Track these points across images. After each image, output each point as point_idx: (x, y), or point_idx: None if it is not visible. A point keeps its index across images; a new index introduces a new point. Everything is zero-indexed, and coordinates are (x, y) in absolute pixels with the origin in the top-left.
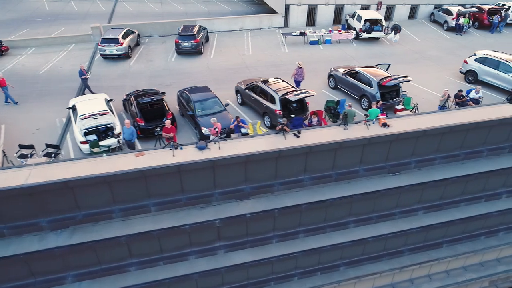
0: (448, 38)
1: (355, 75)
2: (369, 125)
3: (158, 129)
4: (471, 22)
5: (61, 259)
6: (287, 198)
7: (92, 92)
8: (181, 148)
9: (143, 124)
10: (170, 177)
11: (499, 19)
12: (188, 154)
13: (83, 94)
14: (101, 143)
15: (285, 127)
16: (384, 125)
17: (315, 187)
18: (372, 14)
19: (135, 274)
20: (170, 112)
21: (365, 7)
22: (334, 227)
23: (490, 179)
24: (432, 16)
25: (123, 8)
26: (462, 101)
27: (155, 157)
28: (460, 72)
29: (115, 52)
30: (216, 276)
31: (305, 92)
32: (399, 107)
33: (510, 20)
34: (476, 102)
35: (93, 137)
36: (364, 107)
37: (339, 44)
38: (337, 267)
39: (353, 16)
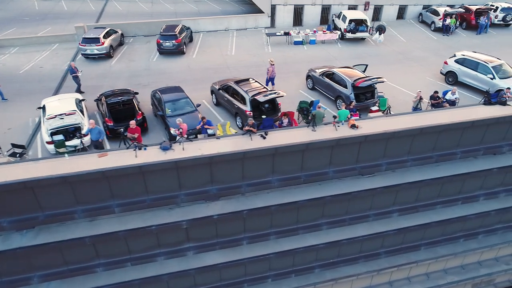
0: (434, 38)
1: (331, 76)
2: (338, 126)
3: (122, 129)
4: (458, 23)
5: (26, 259)
6: (257, 200)
7: (80, 91)
8: (144, 148)
9: (111, 124)
10: (133, 178)
11: (486, 20)
12: (151, 155)
13: (79, 91)
14: (68, 143)
15: (251, 128)
16: (353, 126)
17: (286, 189)
18: (357, 14)
19: (103, 274)
20: (140, 112)
21: (353, 7)
22: (307, 229)
23: (466, 182)
24: (420, 17)
25: (113, 8)
26: (437, 102)
27: (118, 157)
28: (441, 73)
29: (96, 51)
30: (187, 277)
31: (275, 93)
32: (374, 108)
33: (498, 21)
34: (453, 103)
35: (60, 137)
36: (339, 108)
37: (323, 45)
38: (312, 269)
39: (339, 17)
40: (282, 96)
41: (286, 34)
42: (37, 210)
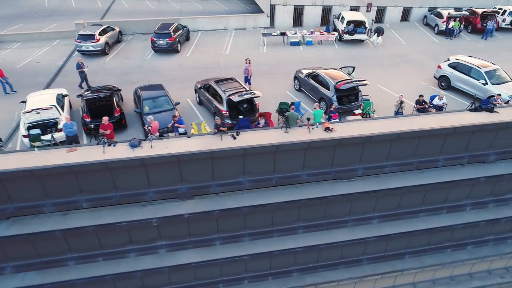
0: (436, 42)
1: (315, 77)
2: (312, 129)
3: (93, 125)
4: (462, 26)
5: None
6: (230, 200)
7: (88, 86)
8: (114, 145)
9: (89, 120)
10: (100, 173)
11: (494, 24)
12: (119, 151)
13: (80, 87)
14: (44, 137)
15: (221, 128)
16: (327, 129)
17: (260, 191)
18: (355, 15)
19: (76, 268)
20: (118, 109)
21: (355, 9)
22: (282, 232)
23: (452, 190)
24: (425, 19)
25: (120, 6)
26: (422, 107)
27: (86, 153)
28: (434, 77)
29: (91, 48)
30: (161, 275)
31: (250, 93)
32: (358, 111)
33: (506, 25)
34: (440, 109)
35: (36, 131)
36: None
37: (320, 46)
38: (290, 272)
39: (338, 18)
40: (258, 96)
41: (282, 34)
42: (7, 202)
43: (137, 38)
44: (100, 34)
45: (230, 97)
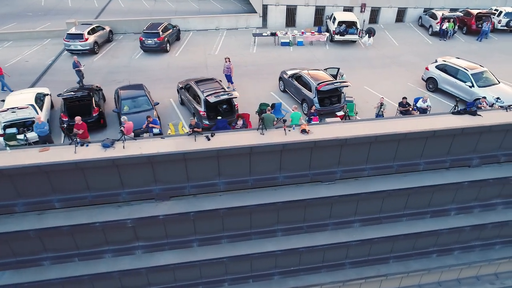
0: (430, 43)
1: (299, 78)
2: (289, 130)
3: (65, 125)
4: (456, 27)
5: None
6: (206, 202)
7: (83, 84)
8: (87, 145)
9: (66, 119)
10: (71, 173)
11: (489, 26)
12: (91, 151)
13: (79, 84)
14: (19, 136)
15: (195, 128)
16: (303, 131)
17: (238, 193)
18: (346, 16)
19: (53, 268)
20: (96, 108)
21: (348, 9)
22: (261, 234)
23: (435, 195)
24: (420, 20)
25: (116, 5)
26: (405, 110)
27: (58, 153)
28: (422, 79)
29: (79, 47)
30: (139, 276)
31: (227, 94)
32: (340, 113)
33: (502, 26)
34: (424, 111)
35: (12, 130)
36: (305, 111)
37: (311, 46)
38: (271, 275)
39: (330, 18)
40: (235, 97)
41: (273, 34)
42: None
43: (128, 38)
44: (89, 33)
45: (206, 98)
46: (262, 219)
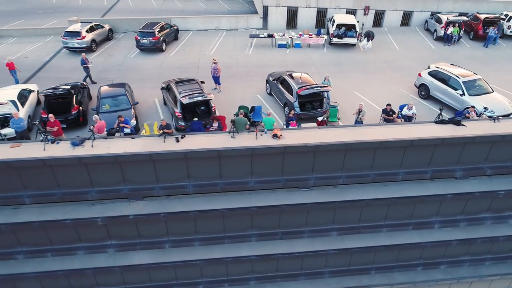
0: (432, 48)
1: (283, 81)
2: (261, 135)
3: (37, 122)
4: (462, 32)
5: None
6: (178, 204)
7: (92, 81)
8: (57, 142)
9: (45, 116)
10: (40, 170)
11: (496, 32)
12: (60, 149)
13: (84, 81)
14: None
15: (165, 129)
16: (275, 136)
17: (211, 195)
18: (346, 18)
19: (27, 262)
20: (76, 106)
21: (351, 12)
22: (234, 239)
23: (417, 206)
24: (426, 24)
25: (125, 4)
26: (389, 118)
27: (28, 149)
28: (415, 85)
29: (76, 45)
30: (113, 274)
31: (201, 96)
32: (321, 118)
33: (511, 32)
34: (409, 119)
35: None
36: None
37: (308, 49)
38: (247, 280)
39: (330, 20)
40: (210, 99)
41: (270, 36)
42: None
43: (128, 36)
44: (87, 31)
45: (181, 99)
46: (236, 223)
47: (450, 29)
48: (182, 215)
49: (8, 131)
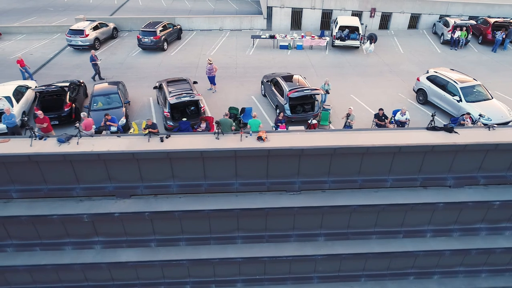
0: (438, 52)
1: (276, 83)
2: (246, 137)
3: (26, 118)
4: (470, 36)
5: None
6: (164, 203)
7: (101, 78)
8: (45, 139)
9: (40, 112)
10: (26, 166)
11: (504, 36)
12: (47, 146)
13: (94, 79)
14: None
15: (150, 129)
16: (259, 138)
17: (195, 196)
18: (349, 20)
19: (18, 255)
20: (69, 103)
21: (357, 14)
22: (220, 240)
23: (408, 214)
24: (433, 27)
25: (135, 3)
26: (380, 123)
27: (16, 145)
28: (413, 90)
29: (79, 43)
30: (101, 270)
31: (189, 96)
32: (313, 121)
33: None
34: (402, 125)
35: None
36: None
37: (309, 51)
38: (234, 282)
39: (333, 22)
40: (198, 99)
41: (272, 37)
42: None
43: (132, 35)
44: (91, 30)
45: (168, 99)
46: (221, 224)
47: (457, 33)
48: (167, 215)
49: (0, 126)
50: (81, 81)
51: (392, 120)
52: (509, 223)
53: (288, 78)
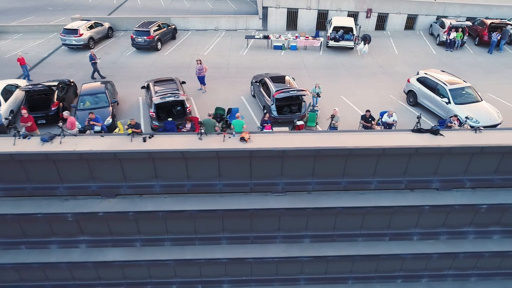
0: (433, 53)
1: (264, 84)
2: (229, 137)
3: (10, 117)
4: (465, 37)
5: None
6: (150, 203)
7: (101, 76)
8: (29, 138)
9: (25, 112)
10: (9, 164)
11: (499, 37)
12: (30, 144)
13: (93, 78)
14: None
15: (133, 129)
16: (242, 139)
17: (180, 196)
18: (343, 21)
19: (3, 253)
20: (56, 102)
21: (353, 14)
22: (205, 240)
23: (394, 216)
24: (430, 28)
25: (133, 3)
26: (367, 124)
27: (0, 144)
28: (404, 92)
29: (74, 42)
30: (87, 269)
31: (174, 96)
32: (299, 123)
33: None
34: (389, 126)
35: None
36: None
37: (303, 51)
38: (220, 283)
39: (328, 22)
40: (183, 99)
41: (266, 37)
42: None
43: (128, 35)
44: (85, 29)
45: (152, 99)
46: (206, 225)
47: (453, 34)
48: (151, 215)
49: None
50: (71, 80)
51: (379, 121)
52: (497, 227)
53: (276, 79)
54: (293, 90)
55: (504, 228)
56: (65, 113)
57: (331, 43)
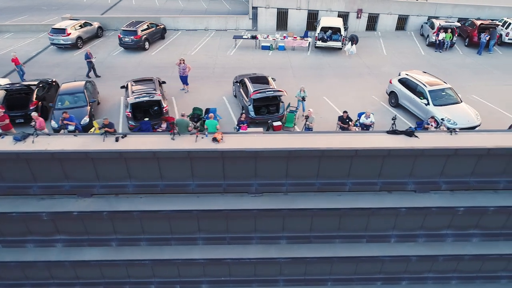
0: (422, 54)
1: (243, 84)
2: (202, 138)
3: None
4: (455, 38)
5: None
6: (125, 203)
7: (96, 75)
8: (2, 137)
9: (3, 111)
10: None
11: (487, 38)
12: (4, 144)
13: (88, 76)
14: None
15: (106, 128)
16: (214, 140)
17: (155, 196)
18: (331, 21)
19: None
20: (35, 101)
21: (343, 15)
22: (181, 240)
23: (371, 218)
24: (421, 29)
25: (128, 2)
26: (344, 125)
27: None
28: (386, 93)
29: (61, 42)
30: (64, 268)
31: (148, 96)
32: (277, 123)
33: (509, 39)
34: (367, 128)
35: None
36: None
37: (292, 51)
38: (199, 283)
39: (318, 23)
40: (158, 100)
41: (254, 37)
42: None
43: (117, 35)
44: (73, 28)
45: (127, 99)
46: (182, 225)
47: (442, 35)
48: (125, 215)
49: None
50: (54, 80)
51: (357, 123)
52: (476, 230)
53: (255, 79)
54: (270, 91)
55: (483, 231)
56: (33, 114)
57: (319, 43)
